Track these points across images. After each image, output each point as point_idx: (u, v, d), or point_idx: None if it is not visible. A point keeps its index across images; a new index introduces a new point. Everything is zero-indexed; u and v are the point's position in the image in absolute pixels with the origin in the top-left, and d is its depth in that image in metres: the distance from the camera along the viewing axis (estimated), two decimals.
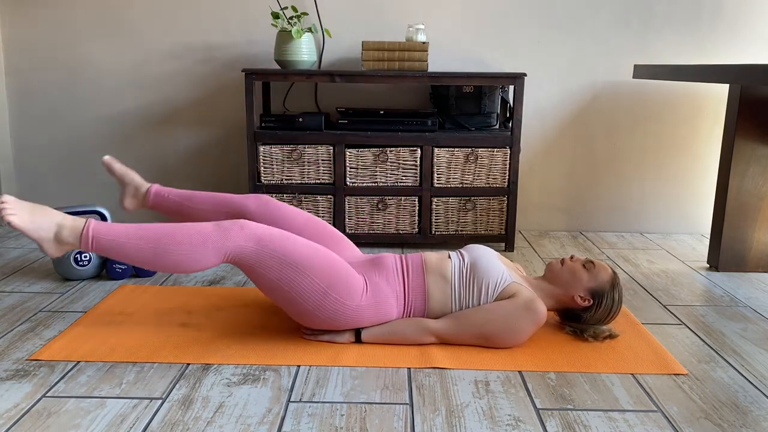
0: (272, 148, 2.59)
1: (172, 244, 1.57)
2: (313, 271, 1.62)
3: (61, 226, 1.57)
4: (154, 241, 1.57)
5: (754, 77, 1.80)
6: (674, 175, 3.02)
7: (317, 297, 1.63)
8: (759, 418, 1.42)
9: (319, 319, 1.67)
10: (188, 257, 1.58)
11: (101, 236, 1.57)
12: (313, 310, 1.65)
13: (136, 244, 1.57)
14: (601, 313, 1.76)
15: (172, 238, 1.57)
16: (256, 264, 1.60)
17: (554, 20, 2.88)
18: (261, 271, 1.61)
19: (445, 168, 2.60)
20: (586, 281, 1.76)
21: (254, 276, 1.63)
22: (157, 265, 1.59)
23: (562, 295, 1.78)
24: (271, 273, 1.61)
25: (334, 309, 1.65)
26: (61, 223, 1.58)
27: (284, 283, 1.62)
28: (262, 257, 1.59)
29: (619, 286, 1.78)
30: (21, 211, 1.55)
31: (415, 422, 1.37)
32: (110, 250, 1.58)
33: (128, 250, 1.57)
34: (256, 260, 1.60)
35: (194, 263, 1.58)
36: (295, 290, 1.62)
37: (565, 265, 1.79)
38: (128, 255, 1.58)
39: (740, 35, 2.89)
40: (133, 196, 1.99)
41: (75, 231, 1.57)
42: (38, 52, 2.93)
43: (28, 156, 3.02)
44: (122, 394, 1.47)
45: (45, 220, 1.57)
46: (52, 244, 1.58)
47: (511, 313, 1.68)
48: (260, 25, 2.89)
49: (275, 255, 1.60)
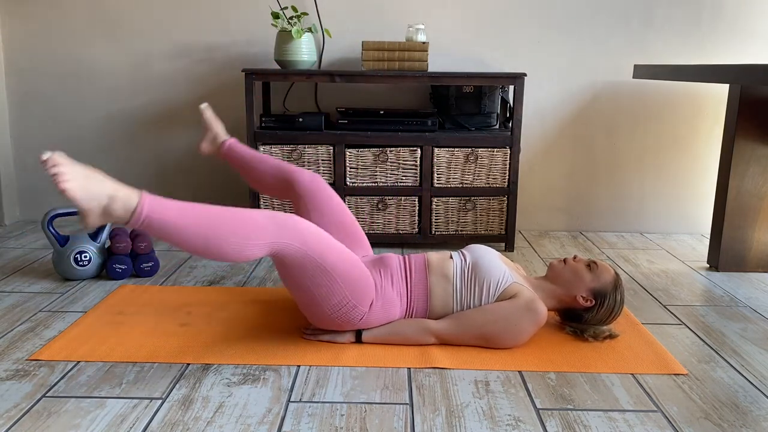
0: (272, 148, 2.59)
1: (227, 234, 1.46)
2: (343, 278, 1.61)
3: (113, 198, 1.39)
4: (210, 229, 1.45)
5: (754, 77, 1.80)
6: (674, 175, 3.02)
7: (337, 301, 1.63)
8: (759, 418, 1.42)
9: (330, 320, 1.68)
10: (240, 249, 1.48)
11: (153, 217, 1.42)
12: (329, 313, 1.65)
13: (189, 231, 1.44)
14: (603, 314, 1.76)
15: (226, 229, 1.46)
16: (294, 262, 1.57)
17: (554, 20, 2.88)
18: (295, 270, 1.59)
19: (445, 168, 2.60)
20: (588, 281, 1.76)
21: (286, 271, 1.61)
22: (205, 254, 1.48)
23: (564, 295, 1.78)
24: (304, 273, 1.59)
25: (348, 312, 1.66)
26: (113, 194, 1.40)
27: (313, 284, 1.61)
28: (303, 258, 1.57)
29: (622, 287, 1.78)
30: (76, 178, 1.36)
31: (415, 422, 1.37)
32: (159, 231, 1.43)
33: (179, 236, 1.44)
34: (296, 259, 1.57)
35: (242, 255, 1.50)
36: (320, 293, 1.62)
37: (567, 264, 1.79)
38: (177, 240, 1.45)
39: (740, 35, 2.89)
40: (211, 142, 2.09)
41: (127, 206, 1.40)
42: (38, 52, 2.93)
43: (28, 156, 3.02)
44: (122, 394, 1.47)
45: (98, 188, 1.38)
46: (98, 217, 1.41)
47: (512, 314, 1.68)
48: (260, 25, 2.88)
49: (315, 258, 1.57)
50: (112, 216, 1.41)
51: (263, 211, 1.55)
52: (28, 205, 3.06)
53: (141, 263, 2.26)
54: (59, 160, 1.35)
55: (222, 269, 2.39)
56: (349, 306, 1.64)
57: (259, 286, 2.22)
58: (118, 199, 1.40)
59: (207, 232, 1.45)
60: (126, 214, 1.41)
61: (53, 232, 2.20)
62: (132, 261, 2.25)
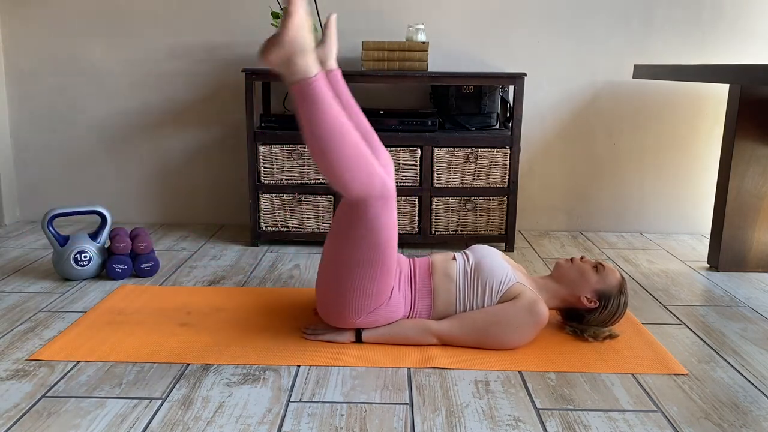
0: (272, 148, 2.59)
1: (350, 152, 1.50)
2: (382, 271, 1.62)
3: (305, 54, 1.46)
4: (342, 136, 1.49)
5: (754, 77, 1.80)
6: (674, 175, 3.02)
7: (362, 295, 1.64)
8: (759, 418, 1.42)
9: (339, 311, 1.67)
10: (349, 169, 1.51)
11: (312, 91, 1.47)
12: (347, 301, 1.65)
13: (326, 125, 1.48)
14: (606, 316, 1.76)
15: (354, 148, 1.50)
16: (356, 223, 1.57)
17: (554, 20, 2.88)
18: (355, 232, 1.58)
19: (445, 168, 2.60)
20: (594, 282, 1.76)
21: (339, 231, 1.61)
22: (322, 153, 1.50)
23: (568, 295, 1.78)
24: (360, 244, 1.59)
25: (360, 310, 1.66)
26: (308, 52, 1.47)
27: (356, 262, 1.60)
28: (372, 224, 1.57)
29: (626, 291, 1.78)
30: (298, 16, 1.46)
31: (415, 422, 1.37)
32: (306, 104, 1.48)
33: (316, 123, 1.48)
34: (363, 220, 1.57)
35: (347, 175, 1.51)
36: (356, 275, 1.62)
37: (574, 264, 1.80)
38: (311, 124, 1.49)
39: (740, 35, 2.89)
40: (319, 58, 1.90)
41: (307, 69, 1.47)
42: (38, 52, 2.93)
43: (28, 156, 3.02)
44: (122, 394, 1.47)
45: (306, 39, 1.47)
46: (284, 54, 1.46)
47: (514, 316, 1.68)
48: (260, 25, 2.88)
49: (377, 234, 1.58)
50: (292, 64, 1.47)
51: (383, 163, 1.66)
52: (28, 205, 3.06)
53: (141, 263, 2.26)
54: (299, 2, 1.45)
55: (222, 269, 2.39)
56: (365, 304, 1.65)
57: (259, 286, 2.22)
58: (308, 59, 1.47)
59: (338, 137, 1.49)
60: (299, 73, 1.47)
61: (53, 232, 2.20)
62: (132, 261, 2.25)
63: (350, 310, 1.67)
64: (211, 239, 2.80)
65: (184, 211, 3.07)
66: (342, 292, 1.66)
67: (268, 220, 2.65)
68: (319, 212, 2.63)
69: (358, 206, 1.56)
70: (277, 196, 2.62)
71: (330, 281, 1.68)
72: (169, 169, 3.03)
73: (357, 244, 1.60)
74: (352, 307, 1.67)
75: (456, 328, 1.70)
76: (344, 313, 1.68)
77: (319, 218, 2.64)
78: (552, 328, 1.85)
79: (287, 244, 2.73)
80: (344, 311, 1.68)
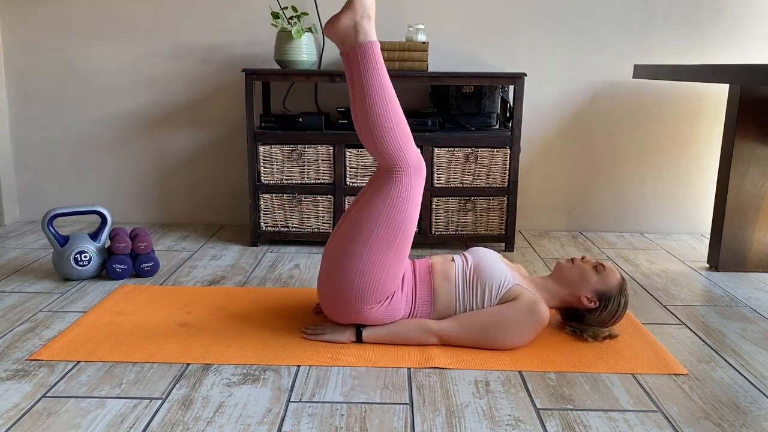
0: (272, 148, 2.59)
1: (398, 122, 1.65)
2: (395, 256, 1.66)
3: (370, 20, 1.66)
4: (392, 102, 1.65)
5: (754, 77, 1.80)
6: (674, 175, 3.02)
7: (371, 280, 1.65)
8: (759, 418, 1.42)
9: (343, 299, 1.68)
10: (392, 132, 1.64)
11: (373, 55, 1.64)
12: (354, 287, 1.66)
13: (380, 90, 1.64)
14: (605, 316, 1.76)
15: (401, 120, 1.66)
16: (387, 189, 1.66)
17: (554, 20, 2.88)
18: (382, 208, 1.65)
19: (445, 168, 2.60)
20: (594, 282, 1.76)
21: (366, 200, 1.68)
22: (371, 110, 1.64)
23: (568, 295, 1.78)
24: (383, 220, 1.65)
25: (365, 299, 1.66)
26: (372, 19, 1.67)
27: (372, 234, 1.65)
28: (398, 200, 1.66)
29: (627, 292, 1.78)
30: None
31: (415, 422, 1.37)
32: (365, 65, 1.64)
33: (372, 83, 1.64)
34: (396, 185, 1.66)
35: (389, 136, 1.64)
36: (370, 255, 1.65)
37: (575, 264, 1.80)
38: (366, 85, 1.64)
39: (740, 35, 2.89)
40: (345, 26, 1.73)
41: (370, 34, 1.65)
42: (38, 52, 2.93)
43: (28, 156, 3.02)
44: (122, 394, 1.47)
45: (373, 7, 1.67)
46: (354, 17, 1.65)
47: (514, 316, 1.68)
48: (260, 25, 2.88)
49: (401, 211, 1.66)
50: (359, 26, 1.65)
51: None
52: (28, 205, 3.06)
53: (141, 263, 2.26)
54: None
55: (222, 269, 2.39)
56: (371, 293, 1.66)
57: (259, 286, 2.22)
58: (372, 24, 1.67)
59: (390, 97, 1.65)
60: (365, 36, 1.65)
61: (53, 232, 2.20)
62: (132, 261, 2.25)
63: (356, 296, 1.66)
64: (211, 239, 2.80)
65: (184, 211, 3.07)
66: (352, 272, 1.66)
67: (268, 220, 2.64)
68: (319, 212, 2.63)
69: (394, 171, 1.66)
70: (277, 196, 2.62)
71: (341, 261, 1.68)
72: (169, 169, 3.03)
73: (382, 214, 1.65)
74: (358, 292, 1.66)
75: (456, 328, 1.70)
76: (348, 301, 1.67)
77: (319, 218, 2.64)
78: (552, 328, 1.85)
79: (287, 244, 2.73)
80: (349, 296, 1.67)
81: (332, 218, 2.63)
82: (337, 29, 1.66)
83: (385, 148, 1.65)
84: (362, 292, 1.66)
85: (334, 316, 1.75)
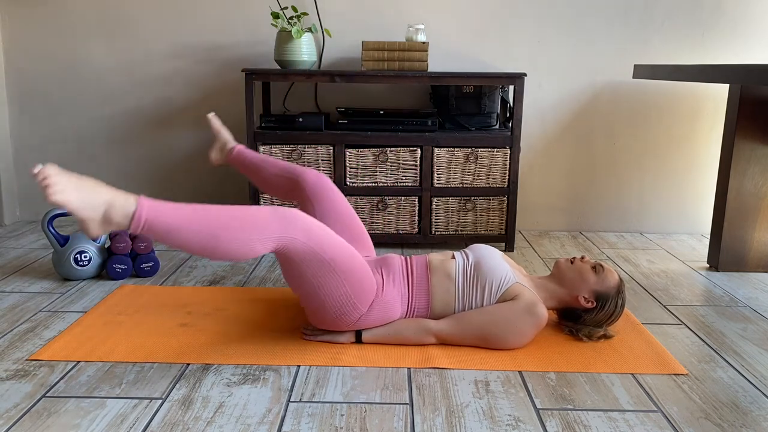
0: (272, 148, 2.59)
1: (231, 233, 1.46)
2: (346, 275, 1.61)
3: (111, 205, 1.39)
4: (212, 228, 1.45)
5: (754, 77, 1.80)
6: (674, 175, 3.02)
7: (340, 299, 1.63)
8: (759, 418, 1.42)
9: (330, 319, 1.67)
10: (244, 247, 1.48)
11: (153, 220, 1.42)
12: (330, 310, 1.65)
13: (192, 230, 1.44)
14: (602, 317, 1.77)
15: (230, 227, 1.46)
16: (298, 257, 1.56)
17: (554, 20, 2.88)
18: (299, 265, 1.58)
19: (445, 168, 2.60)
20: (592, 283, 1.76)
21: (289, 267, 1.60)
22: (212, 253, 1.47)
23: (566, 295, 1.78)
24: (308, 268, 1.58)
25: (348, 312, 1.65)
26: (111, 201, 1.39)
27: (316, 280, 1.60)
28: (307, 252, 1.55)
29: (624, 293, 1.79)
30: (67, 188, 1.35)
31: (415, 422, 1.37)
32: (162, 234, 1.43)
33: (182, 237, 1.44)
34: (300, 253, 1.55)
35: (247, 253, 1.49)
36: (322, 289, 1.61)
37: (575, 264, 1.80)
38: (180, 242, 1.44)
39: (740, 35, 2.89)
40: (220, 150, 2.12)
41: (126, 212, 1.40)
42: (38, 52, 2.93)
43: (28, 155, 3.02)
44: (122, 394, 1.47)
45: (93, 197, 1.38)
46: (98, 225, 1.40)
47: (512, 316, 1.68)
48: (260, 25, 2.88)
49: (319, 253, 1.56)
50: (112, 223, 1.41)
51: (265, 207, 1.54)
52: (28, 205, 3.06)
53: (141, 263, 2.26)
54: (50, 172, 1.33)
55: (222, 269, 2.39)
56: (350, 305, 1.64)
57: (259, 286, 2.22)
58: (116, 205, 1.40)
59: (211, 232, 1.45)
60: (125, 220, 1.41)
61: (53, 232, 2.20)
62: (132, 261, 2.25)
63: (337, 316, 1.67)
64: None
65: None
66: (330, 318, 1.67)
67: None
68: None
69: (280, 252, 1.55)
70: None
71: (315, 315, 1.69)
72: (169, 169, 3.03)
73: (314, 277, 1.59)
74: (336, 313, 1.66)
75: (455, 328, 1.70)
76: (333, 321, 1.68)
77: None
78: (552, 328, 1.85)
79: None
80: (332, 318, 1.68)
81: None
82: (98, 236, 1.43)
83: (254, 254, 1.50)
84: (340, 311, 1.65)
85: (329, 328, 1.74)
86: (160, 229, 1.42)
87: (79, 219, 1.39)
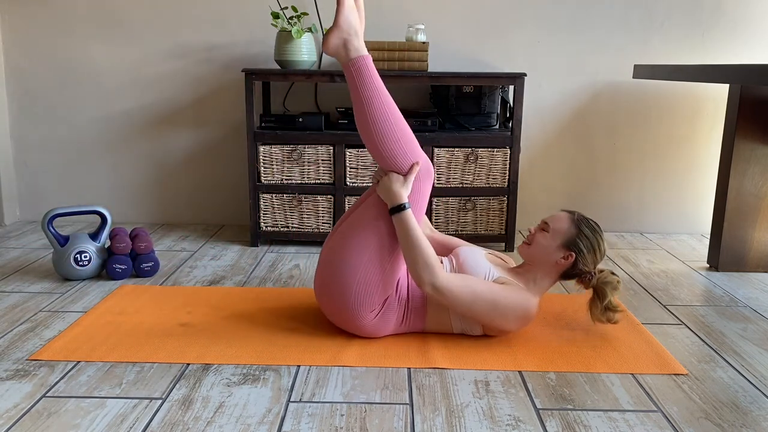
0: (272, 148, 2.59)
1: (398, 128, 1.69)
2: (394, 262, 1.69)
3: (358, 36, 1.71)
4: (391, 114, 1.69)
5: (754, 77, 1.80)
6: (674, 175, 3.02)
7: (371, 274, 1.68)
8: (759, 418, 1.42)
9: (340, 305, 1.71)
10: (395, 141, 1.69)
11: (367, 69, 1.70)
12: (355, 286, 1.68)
13: (378, 101, 1.69)
14: (589, 256, 1.73)
15: (402, 126, 1.70)
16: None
17: (554, 20, 2.88)
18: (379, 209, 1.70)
19: (445, 168, 2.60)
20: (552, 243, 1.73)
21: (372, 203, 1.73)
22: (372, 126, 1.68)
23: (548, 269, 1.75)
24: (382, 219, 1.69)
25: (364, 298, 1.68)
26: (359, 34, 1.71)
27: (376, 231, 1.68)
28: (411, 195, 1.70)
29: (585, 220, 1.75)
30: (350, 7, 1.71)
31: (415, 422, 1.37)
32: (361, 80, 1.69)
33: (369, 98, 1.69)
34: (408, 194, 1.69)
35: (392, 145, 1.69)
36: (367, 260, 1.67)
37: (530, 241, 1.77)
38: (364, 99, 1.69)
39: (740, 35, 2.89)
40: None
41: (360, 49, 1.70)
42: (38, 52, 2.93)
43: (28, 155, 3.02)
44: (122, 394, 1.47)
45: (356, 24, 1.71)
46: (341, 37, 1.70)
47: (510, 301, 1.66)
48: (260, 25, 2.88)
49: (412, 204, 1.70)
50: (349, 44, 1.70)
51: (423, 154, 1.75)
52: (28, 205, 3.06)
53: (141, 263, 2.26)
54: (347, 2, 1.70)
55: (222, 269, 2.39)
56: (372, 290, 1.67)
57: (259, 286, 2.22)
58: (360, 40, 1.72)
59: (390, 108, 1.70)
60: (355, 52, 1.70)
61: (53, 232, 2.20)
62: (132, 261, 2.25)
63: (354, 301, 1.67)
64: (211, 239, 2.80)
65: (184, 211, 3.07)
66: (350, 279, 1.66)
67: (268, 220, 2.64)
68: (319, 212, 2.63)
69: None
70: (277, 196, 2.62)
71: (340, 267, 1.68)
72: (169, 169, 3.03)
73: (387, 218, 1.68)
74: (357, 296, 1.67)
75: (457, 281, 1.65)
76: (347, 305, 1.68)
77: (319, 218, 2.64)
78: (552, 328, 1.85)
79: (287, 244, 2.73)
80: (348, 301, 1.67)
81: (332, 218, 2.63)
82: (329, 47, 1.71)
83: (393, 156, 1.69)
84: (361, 298, 1.67)
85: (331, 315, 1.76)
86: (364, 77, 1.69)
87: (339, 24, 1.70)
